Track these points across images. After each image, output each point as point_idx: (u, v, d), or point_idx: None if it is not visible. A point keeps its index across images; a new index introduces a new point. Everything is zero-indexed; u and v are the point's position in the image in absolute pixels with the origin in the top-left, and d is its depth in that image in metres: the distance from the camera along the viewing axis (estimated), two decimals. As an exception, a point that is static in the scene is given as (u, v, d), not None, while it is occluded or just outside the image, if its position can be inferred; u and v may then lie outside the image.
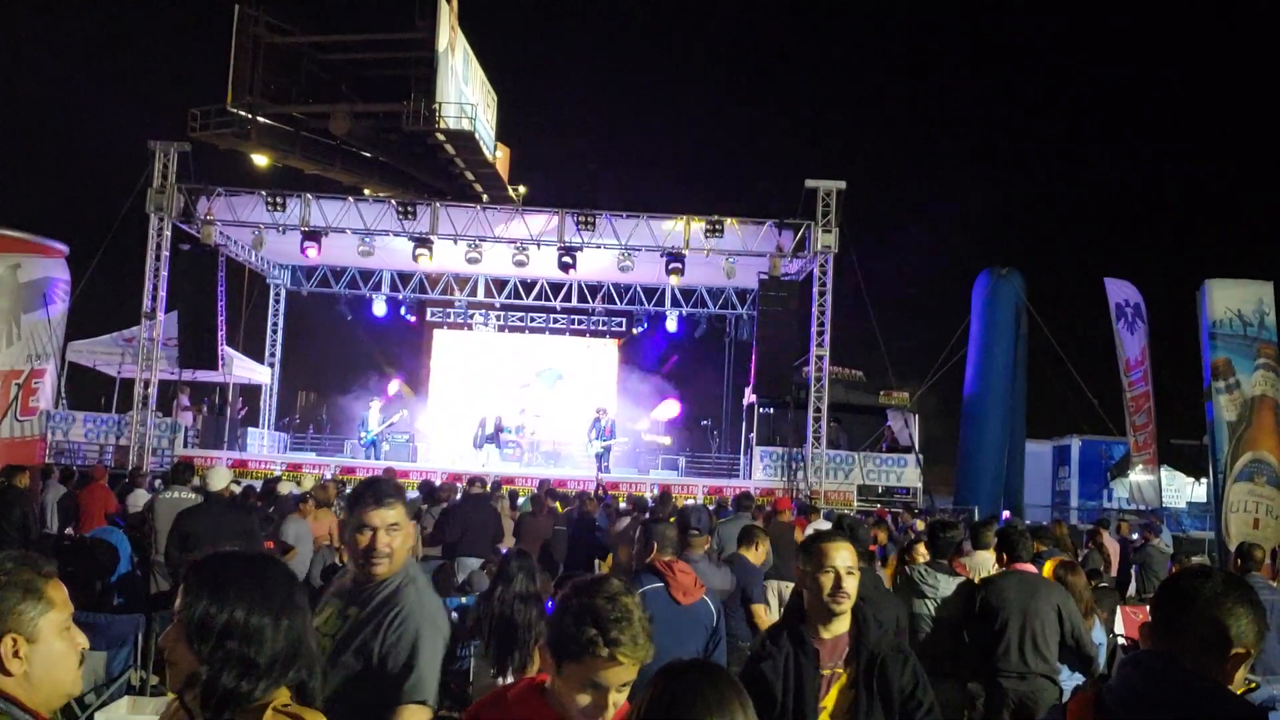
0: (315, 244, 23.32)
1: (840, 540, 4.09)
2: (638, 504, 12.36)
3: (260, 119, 29.05)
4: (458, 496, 13.95)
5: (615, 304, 28.73)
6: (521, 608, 6.44)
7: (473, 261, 24.32)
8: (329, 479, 18.56)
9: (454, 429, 27.32)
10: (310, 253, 23.68)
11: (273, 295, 29.10)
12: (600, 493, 19.10)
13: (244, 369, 26.38)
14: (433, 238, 23.34)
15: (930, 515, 19.50)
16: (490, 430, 24.60)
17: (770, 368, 22.84)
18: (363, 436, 25.29)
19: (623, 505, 15.03)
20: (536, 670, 3.69)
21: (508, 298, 28.98)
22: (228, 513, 9.33)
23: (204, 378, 24.80)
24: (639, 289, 28.15)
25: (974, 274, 25.94)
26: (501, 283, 28.72)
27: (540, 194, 36.73)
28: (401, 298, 28.91)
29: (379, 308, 28.74)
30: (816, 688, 3.86)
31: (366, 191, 30.03)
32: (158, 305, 23.17)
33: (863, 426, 26.80)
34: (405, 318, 29.55)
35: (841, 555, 3.96)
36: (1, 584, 2.24)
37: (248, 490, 14.46)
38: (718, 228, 22.85)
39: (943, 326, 27.79)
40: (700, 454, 29.10)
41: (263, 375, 28.17)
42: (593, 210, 23.35)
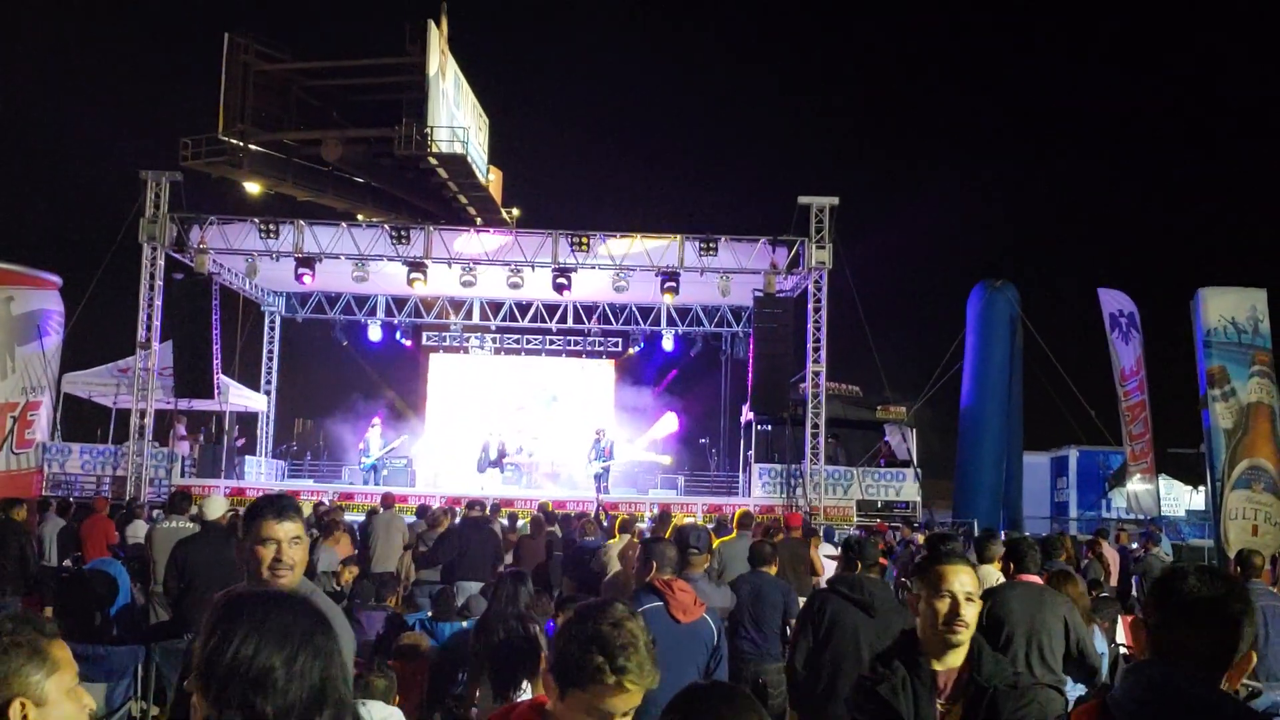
0: (310, 270, 23.29)
1: (960, 562, 3.74)
2: (624, 526, 12.31)
3: (252, 147, 29.18)
4: (456, 520, 13.93)
5: (611, 324, 28.70)
6: (519, 628, 6.42)
7: (467, 285, 24.31)
8: (327, 504, 18.49)
9: (451, 453, 27.29)
10: (305, 279, 23.67)
11: (268, 322, 29.04)
12: (600, 514, 19.06)
13: (240, 397, 26.33)
14: (427, 261, 23.31)
15: (930, 529, 19.52)
16: (494, 455, 24.57)
17: (767, 385, 22.83)
18: (364, 461, 25.26)
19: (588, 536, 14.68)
20: (537, 692, 3.68)
21: (503, 320, 28.94)
22: (225, 542, 9.28)
23: (200, 407, 24.77)
24: (634, 309, 28.15)
25: (968, 287, 26.02)
26: (497, 305, 28.69)
27: (534, 215, 36.88)
28: (397, 322, 28.87)
29: (374, 333, 28.68)
30: (933, 717, 3.47)
31: (360, 217, 30.15)
32: (152, 335, 23.10)
33: (860, 442, 26.83)
34: (401, 342, 29.50)
35: (960, 579, 3.60)
36: (5, 646, 2.17)
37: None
38: (712, 246, 22.86)
39: (938, 340, 27.87)
40: (699, 472, 29.07)
41: (259, 403, 28.12)
42: (587, 231, 23.36)
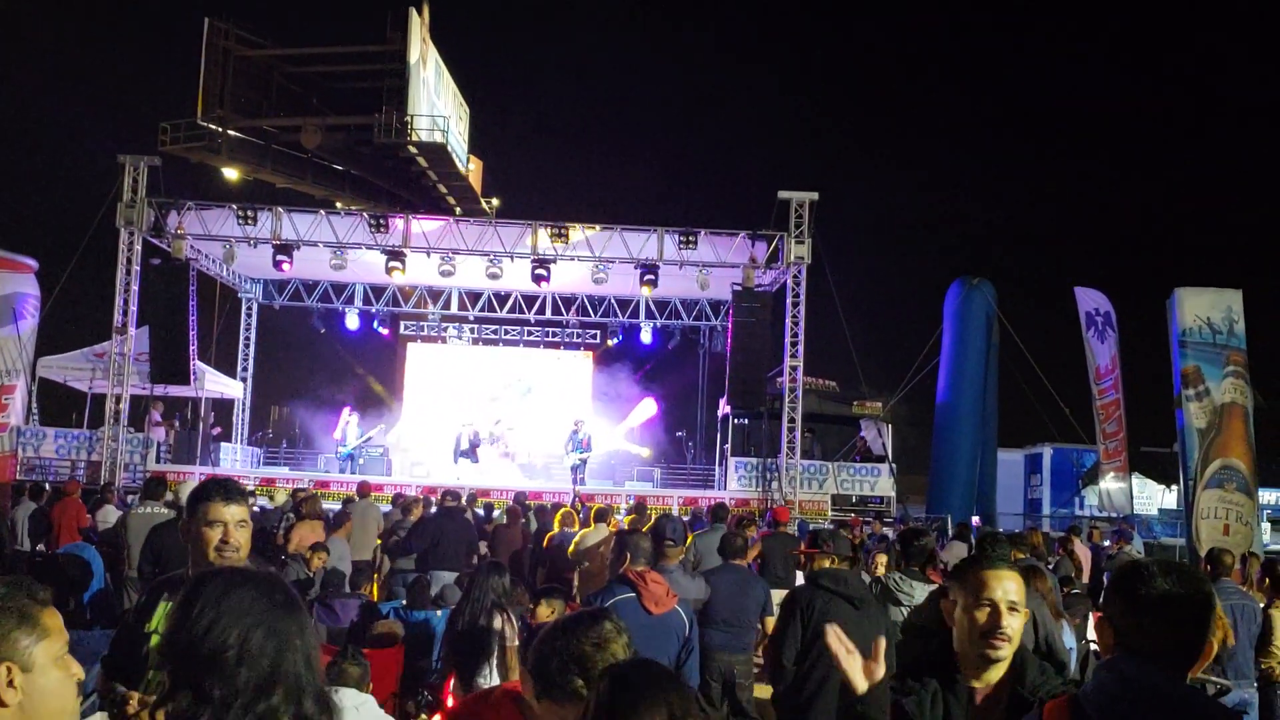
0: (288, 258, 23.23)
1: (1004, 567, 3.18)
2: (600, 516, 12.34)
3: (231, 132, 29.04)
4: (431, 510, 13.93)
5: (589, 316, 28.70)
6: (483, 619, 6.44)
7: (446, 274, 24.29)
8: (302, 491, 18.44)
9: (427, 442, 27.25)
10: (284, 267, 23.60)
11: (244, 309, 28.94)
12: (577, 505, 19.06)
13: (216, 383, 26.21)
14: (405, 251, 23.26)
15: (904, 524, 19.61)
16: (466, 445, 24.53)
17: (744, 378, 22.86)
18: (339, 450, 25.20)
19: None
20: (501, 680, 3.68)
21: (481, 311, 28.88)
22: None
23: (176, 392, 24.65)
24: (613, 301, 28.13)
25: (945, 284, 26.09)
26: (475, 295, 28.64)
27: (513, 206, 36.81)
28: (374, 311, 28.79)
29: (352, 321, 28.61)
30: None
31: (338, 204, 30.00)
32: (129, 320, 22.99)
33: (836, 436, 26.91)
34: (378, 331, 29.41)
35: (1005, 586, 3.08)
36: None
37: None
38: (691, 239, 22.87)
39: (915, 337, 28.01)
40: (675, 465, 29.11)
41: (235, 389, 28.01)
42: (566, 223, 23.34)
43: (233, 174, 30.68)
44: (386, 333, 29.76)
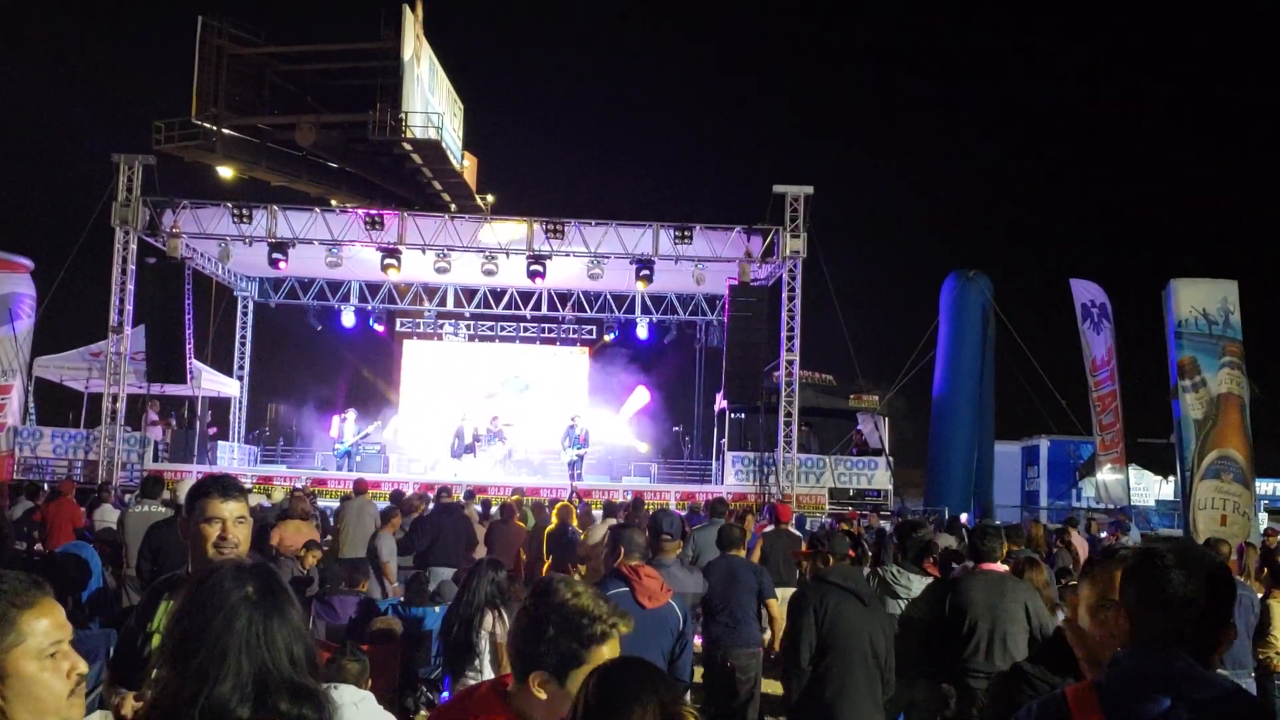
0: (284, 256, 23.21)
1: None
2: (609, 510, 12.30)
3: (225, 131, 28.95)
4: (429, 506, 13.93)
5: (585, 312, 28.66)
6: (484, 616, 6.44)
7: (441, 271, 24.29)
8: (300, 489, 18.44)
9: (424, 439, 27.25)
10: (280, 265, 23.59)
11: (240, 307, 28.92)
12: (575, 500, 19.07)
13: (213, 382, 26.20)
14: (401, 248, 23.25)
15: (901, 517, 19.63)
16: (469, 440, 24.53)
17: (741, 373, 22.86)
18: (337, 448, 25.20)
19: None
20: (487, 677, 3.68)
21: (477, 307, 28.86)
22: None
23: (172, 391, 24.63)
24: (609, 296, 28.12)
25: (941, 277, 26.07)
26: (471, 292, 28.62)
27: (508, 202, 36.77)
28: (370, 308, 28.78)
29: (348, 319, 28.60)
30: None
31: (333, 202, 29.94)
32: (125, 319, 22.97)
33: (833, 430, 26.89)
34: (374, 328, 29.40)
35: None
36: None
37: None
38: (687, 234, 22.86)
39: (911, 330, 27.97)
40: (673, 460, 29.11)
41: (232, 388, 28.00)
42: (561, 219, 23.33)
43: (227, 172, 30.59)
44: (382, 330, 29.75)
